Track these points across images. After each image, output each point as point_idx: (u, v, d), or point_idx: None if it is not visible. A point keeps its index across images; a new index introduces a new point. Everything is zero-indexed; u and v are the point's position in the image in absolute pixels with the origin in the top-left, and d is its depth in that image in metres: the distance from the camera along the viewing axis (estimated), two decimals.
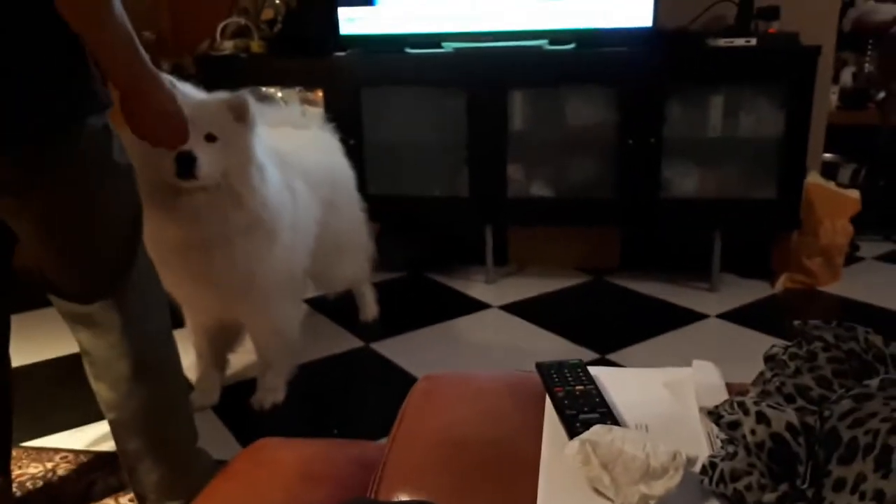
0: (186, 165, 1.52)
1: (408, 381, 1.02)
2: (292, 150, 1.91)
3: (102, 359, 1.30)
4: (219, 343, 1.99)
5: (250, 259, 1.70)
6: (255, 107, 1.63)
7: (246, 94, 1.62)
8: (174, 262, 1.63)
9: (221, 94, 1.62)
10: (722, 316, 2.45)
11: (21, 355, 2.09)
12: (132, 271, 1.30)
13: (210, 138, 1.56)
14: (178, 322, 1.64)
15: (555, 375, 0.90)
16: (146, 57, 1.19)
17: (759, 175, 2.58)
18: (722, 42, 2.43)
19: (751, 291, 2.65)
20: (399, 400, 0.95)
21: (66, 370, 2.16)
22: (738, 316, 2.45)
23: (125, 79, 1.19)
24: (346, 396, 2.03)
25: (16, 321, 1.42)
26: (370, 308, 2.49)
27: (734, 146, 2.62)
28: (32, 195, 1.16)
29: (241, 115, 1.61)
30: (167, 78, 1.57)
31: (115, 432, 1.35)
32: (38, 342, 2.28)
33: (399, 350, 2.25)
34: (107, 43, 1.12)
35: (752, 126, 2.55)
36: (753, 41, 2.41)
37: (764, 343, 0.84)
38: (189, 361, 1.90)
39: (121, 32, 1.12)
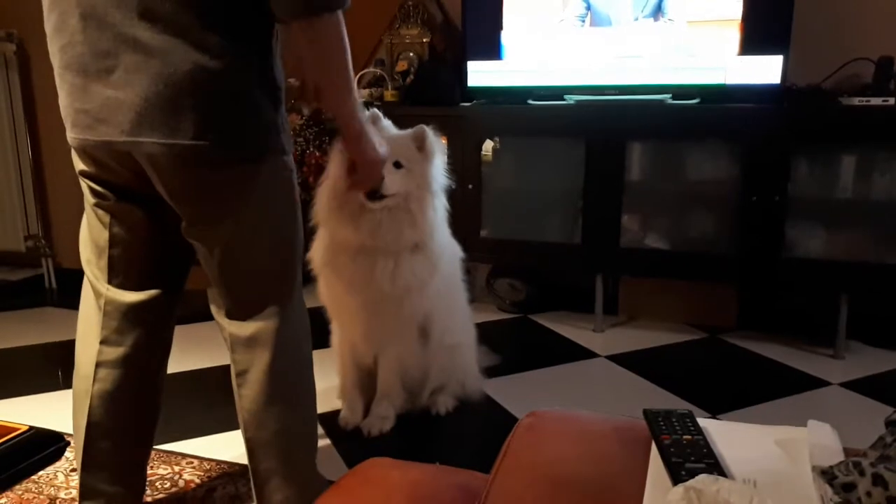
0: (376, 190, 1.76)
1: (509, 420, 1.05)
2: None
3: (252, 380, 1.36)
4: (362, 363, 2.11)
5: (408, 275, 1.87)
6: (433, 138, 1.87)
7: (425, 127, 1.85)
8: (340, 262, 1.86)
9: (409, 130, 1.87)
10: (845, 385, 2.31)
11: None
12: (293, 297, 1.39)
13: (397, 165, 1.81)
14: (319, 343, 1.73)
15: (662, 423, 0.90)
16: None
17: (893, 239, 2.44)
18: (857, 101, 2.35)
19: (880, 361, 2.49)
20: (498, 438, 0.96)
21: (199, 383, 2.34)
22: (863, 386, 2.30)
23: (352, 124, 1.38)
24: (448, 430, 2.07)
25: None
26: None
27: (867, 208, 2.50)
28: (225, 220, 1.28)
29: (421, 145, 1.85)
30: (373, 111, 1.81)
31: (251, 451, 1.41)
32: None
33: (503, 391, 2.27)
34: (342, 89, 1.30)
35: (888, 188, 2.44)
36: (892, 101, 2.32)
37: None
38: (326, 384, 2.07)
39: (351, 83, 1.32)
